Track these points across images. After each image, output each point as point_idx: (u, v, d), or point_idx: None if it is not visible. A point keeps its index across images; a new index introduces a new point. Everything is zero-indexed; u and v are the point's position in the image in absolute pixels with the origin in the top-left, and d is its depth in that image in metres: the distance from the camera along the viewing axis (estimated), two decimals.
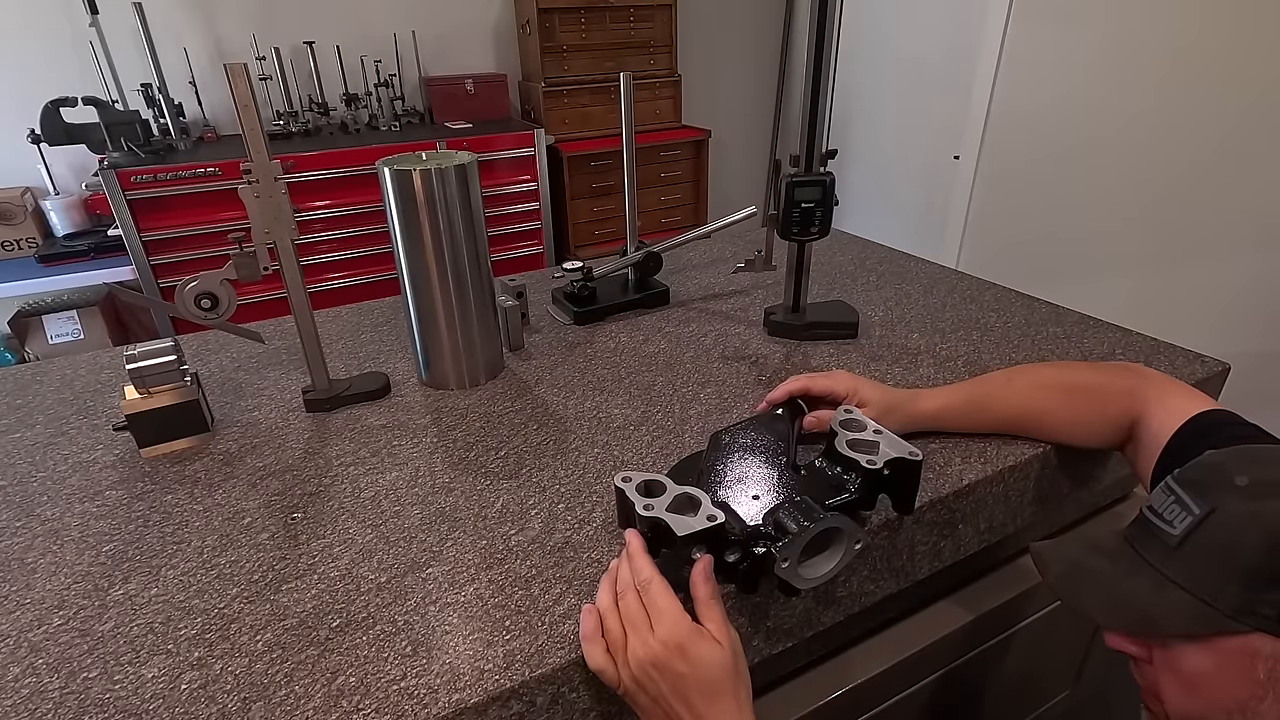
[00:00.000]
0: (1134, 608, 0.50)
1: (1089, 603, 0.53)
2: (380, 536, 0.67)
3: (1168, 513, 0.50)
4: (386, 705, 0.51)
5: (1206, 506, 0.47)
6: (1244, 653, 0.46)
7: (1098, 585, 0.53)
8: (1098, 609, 0.53)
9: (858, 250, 1.44)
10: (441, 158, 0.86)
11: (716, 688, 0.50)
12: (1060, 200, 2.30)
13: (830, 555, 0.58)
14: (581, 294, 1.14)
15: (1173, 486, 0.51)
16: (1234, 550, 0.46)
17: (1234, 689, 0.47)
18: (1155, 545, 0.50)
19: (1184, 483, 0.50)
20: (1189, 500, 0.49)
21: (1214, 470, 0.49)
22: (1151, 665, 0.52)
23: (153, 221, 2.16)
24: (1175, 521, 0.49)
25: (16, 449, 0.84)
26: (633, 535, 0.57)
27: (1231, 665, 0.46)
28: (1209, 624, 0.46)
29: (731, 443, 0.71)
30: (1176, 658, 0.49)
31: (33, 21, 2.28)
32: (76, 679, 0.54)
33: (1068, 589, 0.55)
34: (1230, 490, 0.47)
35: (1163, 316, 1.94)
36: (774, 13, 3.44)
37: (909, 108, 2.85)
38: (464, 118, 2.79)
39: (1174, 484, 0.51)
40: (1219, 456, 0.51)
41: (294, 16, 2.59)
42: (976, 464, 0.75)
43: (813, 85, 0.92)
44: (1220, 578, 0.46)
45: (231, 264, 0.81)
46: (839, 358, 1.00)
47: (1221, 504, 0.47)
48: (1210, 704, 0.48)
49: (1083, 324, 1.07)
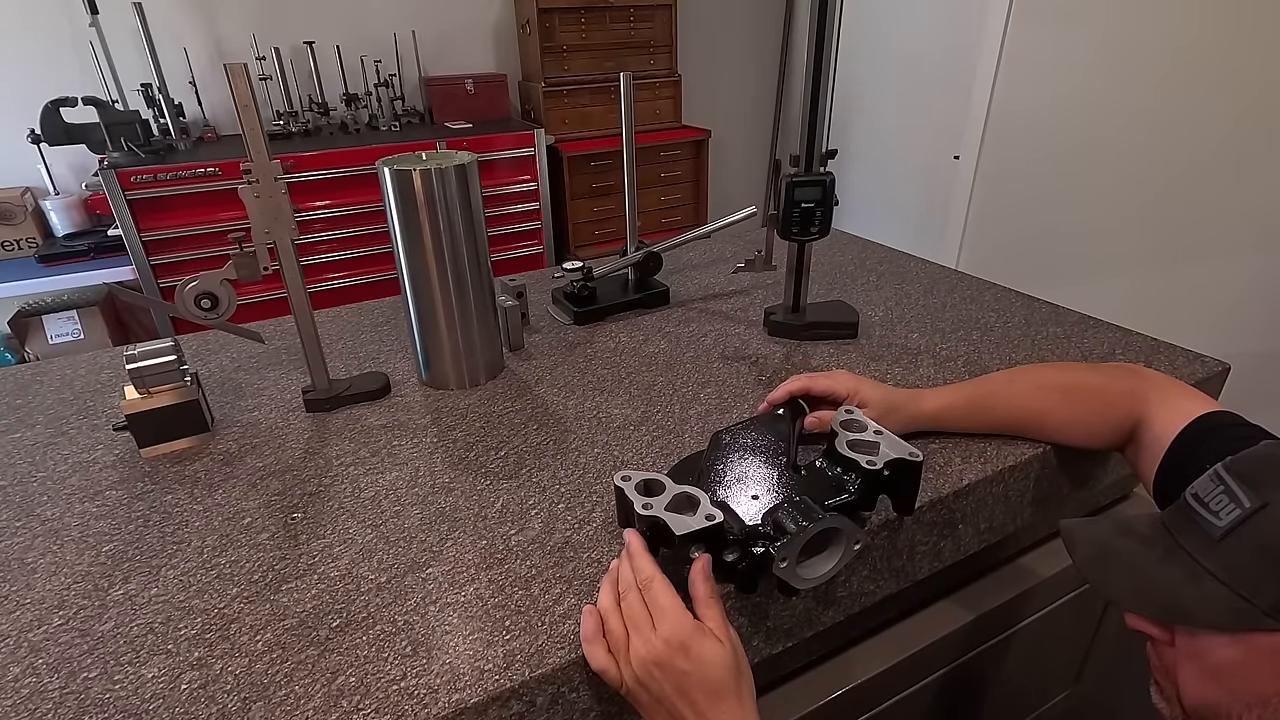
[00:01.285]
0: (1164, 596, 0.49)
1: (1115, 586, 0.52)
2: (380, 536, 0.67)
3: (1214, 503, 0.48)
4: (386, 705, 0.51)
5: (1259, 500, 0.45)
6: (1276, 650, 0.45)
7: (1127, 569, 0.52)
8: (1124, 593, 0.51)
9: (858, 250, 1.44)
10: (441, 158, 0.86)
11: (719, 686, 0.50)
12: (1060, 200, 2.30)
13: (829, 556, 0.58)
14: (581, 294, 1.14)
15: (1223, 476, 0.48)
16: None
17: (1259, 684, 0.46)
18: (1196, 534, 0.49)
19: (1236, 473, 0.48)
20: (1240, 492, 0.47)
21: (1270, 463, 0.47)
22: (1172, 648, 0.51)
23: (153, 221, 2.16)
24: (1222, 513, 0.47)
25: (16, 449, 0.84)
26: (632, 534, 0.57)
27: (1261, 662, 0.45)
28: (1244, 620, 0.45)
29: (732, 442, 0.71)
30: (1202, 647, 0.48)
31: (33, 21, 2.28)
32: (76, 679, 0.54)
33: (1095, 571, 0.54)
34: None
35: (1163, 316, 1.94)
36: (774, 13, 3.44)
37: (909, 108, 2.85)
38: (464, 118, 2.79)
39: (1225, 474, 0.49)
40: (1277, 449, 0.49)
41: (294, 16, 2.59)
42: (976, 464, 0.75)
43: (813, 85, 0.92)
44: (1263, 575, 0.45)
45: (231, 264, 0.81)
46: (839, 358, 1.00)
47: (1275, 499, 0.45)
48: (1230, 695, 0.47)
49: (1083, 324, 1.07)
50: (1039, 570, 0.90)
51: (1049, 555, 0.92)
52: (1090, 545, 0.55)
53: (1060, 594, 0.92)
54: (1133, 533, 0.54)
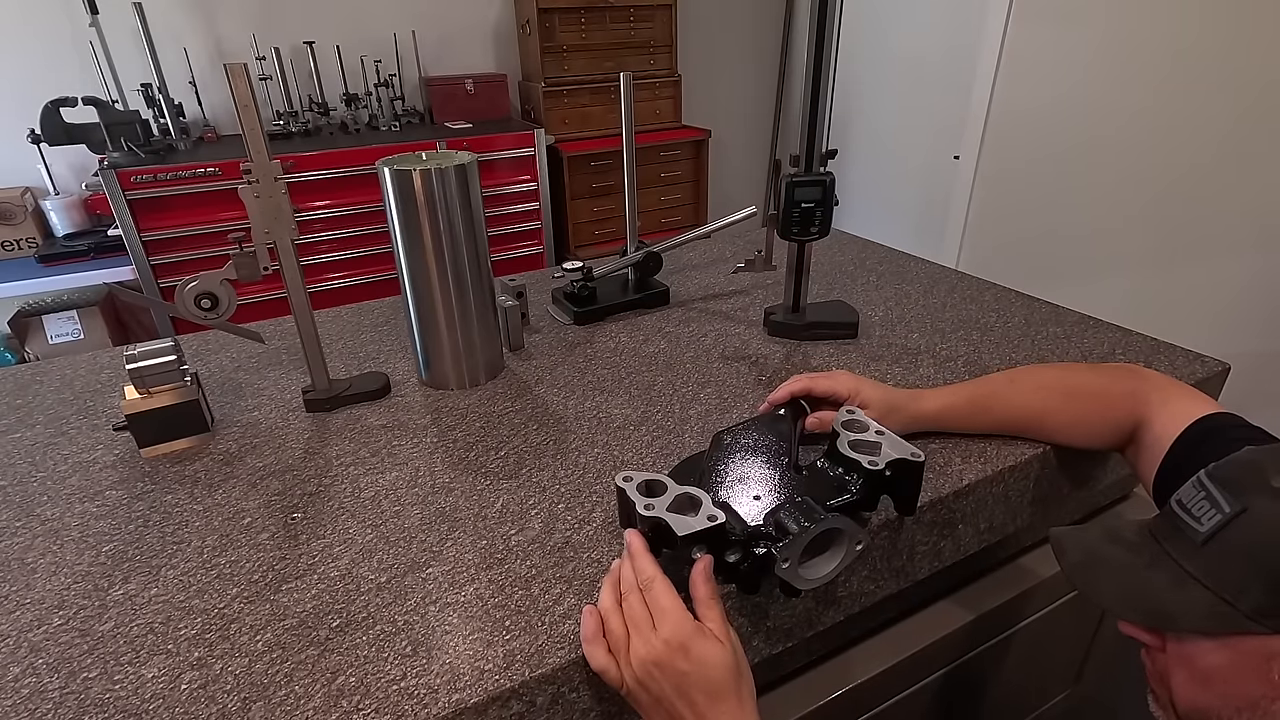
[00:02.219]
0: (1150, 600, 0.49)
1: (1104, 592, 0.53)
2: (380, 536, 0.67)
3: (1196, 508, 0.49)
4: (386, 705, 0.51)
5: (1238, 505, 0.46)
6: (1261, 654, 0.45)
7: (1115, 575, 0.52)
8: (1112, 598, 0.52)
9: (858, 250, 1.44)
10: (441, 158, 0.86)
11: (720, 687, 0.50)
12: (1060, 200, 2.30)
13: (831, 556, 0.58)
14: (581, 294, 1.14)
15: (1204, 483, 0.49)
16: (1262, 552, 0.45)
17: (1248, 688, 0.46)
18: (1180, 540, 0.49)
19: (1217, 480, 0.49)
20: (1220, 497, 0.47)
21: (1249, 469, 0.48)
22: (1164, 654, 0.51)
23: (153, 221, 2.16)
24: (1204, 518, 0.48)
25: (16, 449, 0.84)
26: (633, 535, 0.57)
27: (1247, 665, 0.46)
28: (1227, 623, 0.46)
29: (733, 443, 0.71)
30: (1190, 652, 0.49)
31: (33, 21, 2.28)
32: (76, 679, 0.54)
33: (1083, 577, 0.54)
34: (1265, 490, 0.46)
35: (1163, 316, 1.94)
36: (774, 13, 3.44)
37: (909, 108, 2.85)
38: (464, 118, 2.79)
39: (1206, 480, 0.49)
40: (1256, 455, 0.49)
41: (294, 16, 2.59)
42: (976, 464, 0.75)
43: (813, 85, 0.92)
44: (1245, 578, 0.45)
45: (231, 264, 0.81)
46: (839, 358, 1.00)
47: (1254, 504, 0.46)
48: (1221, 699, 0.48)
49: (1083, 324, 1.07)
50: (1039, 570, 0.90)
51: (1049, 555, 0.91)
52: (1078, 552, 0.56)
53: (1060, 594, 0.92)
54: (1120, 540, 0.54)
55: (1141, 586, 0.50)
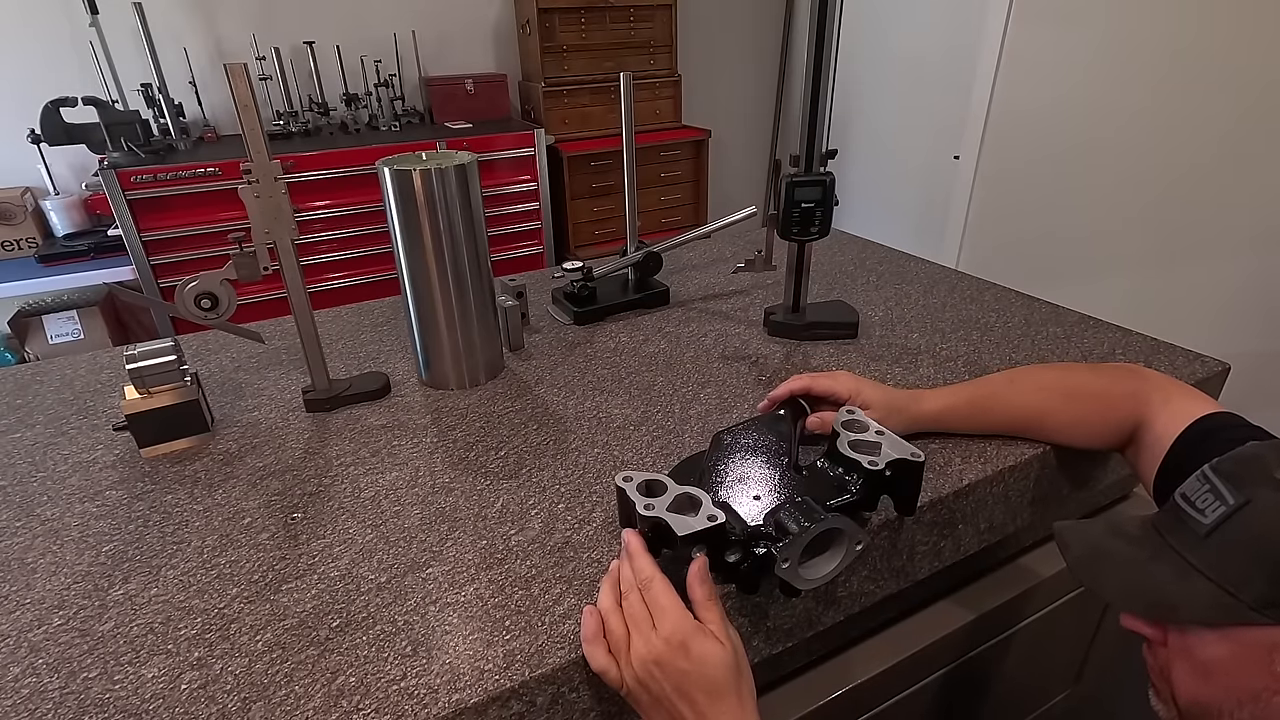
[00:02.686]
0: (1153, 593, 0.50)
1: (1107, 585, 0.53)
2: (380, 536, 0.67)
3: (1200, 501, 0.49)
4: (386, 705, 0.51)
5: (1242, 498, 0.47)
6: (1264, 645, 0.45)
7: (1118, 568, 0.53)
8: (1115, 591, 0.52)
9: (858, 250, 1.44)
10: (441, 158, 0.86)
11: (720, 686, 0.50)
12: (1060, 200, 2.30)
13: (831, 556, 0.58)
14: (581, 294, 1.14)
15: (1209, 475, 0.50)
16: (1265, 543, 0.45)
17: (1249, 680, 0.46)
18: (1183, 533, 0.50)
19: (1221, 472, 0.49)
20: (1224, 490, 0.48)
21: (1253, 462, 0.48)
22: (1165, 648, 0.51)
23: (153, 221, 2.16)
24: (1207, 510, 0.48)
25: (16, 449, 0.84)
26: (631, 535, 0.57)
27: (1249, 656, 0.46)
28: (1230, 614, 0.46)
29: (733, 443, 0.71)
30: (1192, 644, 0.49)
31: (33, 21, 2.28)
32: (76, 679, 0.54)
33: (1087, 570, 0.55)
34: (1268, 483, 0.46)
35: (1162, 316, 1.94)
36: (774, 13, 3.44)
37: (909, 108, 2.85)
38: (464, 118, 2.79)
39: (1210, 473, 0.50)
40: (1260, 449, 0.50)
41: (294, 16, 2.59)
42: (976, 464, 0.75)
43: (813, 85, 0.92)
44: (1248, 569, 0.46)
45: (231, 264, 0.81)
46: (839, 358, 1.00)
47: (1257, 496, 0.46)
48: (1223, 692, 0.48)
49: (1082, 324, 1.07)
50: (1039, 570, 0.90)
51: (1049, 555, 0.92)
52: (1082, 546, 0.56)
53: (1060, 594, 0.92)
54: (1123, 533, 0.55)
55: (1144, 579, 0.51)
